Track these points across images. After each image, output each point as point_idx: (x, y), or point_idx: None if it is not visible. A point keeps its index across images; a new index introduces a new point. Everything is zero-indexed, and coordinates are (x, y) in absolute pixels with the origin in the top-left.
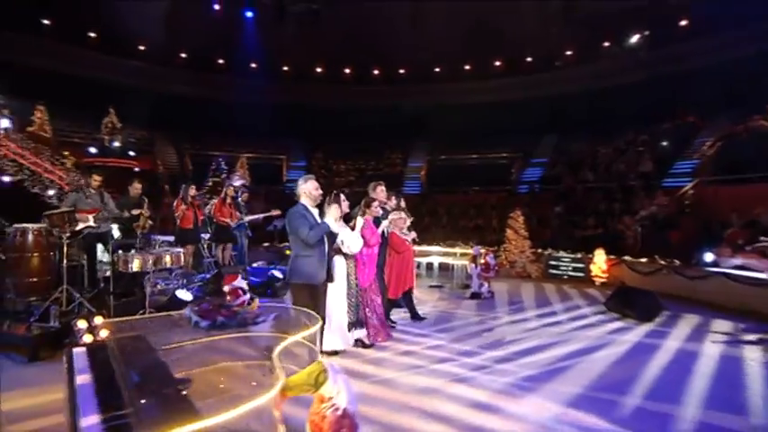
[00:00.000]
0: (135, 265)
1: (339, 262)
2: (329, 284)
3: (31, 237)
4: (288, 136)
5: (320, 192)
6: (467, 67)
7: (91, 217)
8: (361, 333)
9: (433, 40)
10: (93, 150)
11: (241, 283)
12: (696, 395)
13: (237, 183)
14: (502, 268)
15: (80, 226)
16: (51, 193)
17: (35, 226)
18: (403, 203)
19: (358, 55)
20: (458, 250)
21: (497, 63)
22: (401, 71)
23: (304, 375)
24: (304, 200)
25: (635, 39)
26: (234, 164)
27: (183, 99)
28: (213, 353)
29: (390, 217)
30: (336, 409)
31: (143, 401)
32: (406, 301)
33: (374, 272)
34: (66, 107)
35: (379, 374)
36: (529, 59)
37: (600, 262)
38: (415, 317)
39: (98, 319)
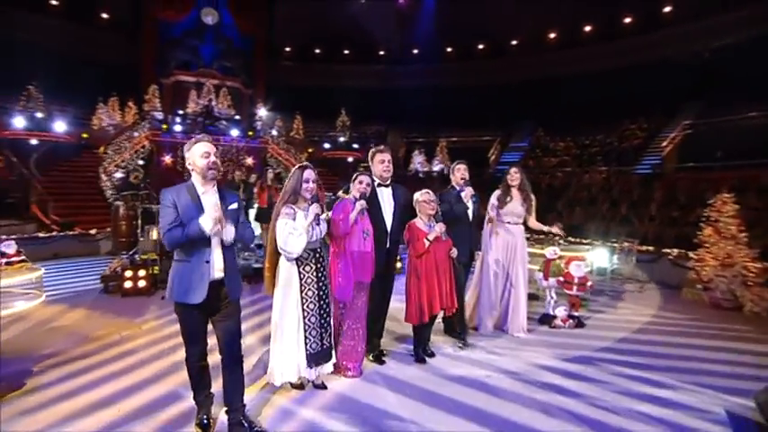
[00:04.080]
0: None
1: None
2: (281, 293)
3: (121, 210)
4: (514, 116)
5: (211, 160)
6: None
7: None
8: (327, 368)
9: None
10: (326, 146)
11: (3, 247)
12: None
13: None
14: (689, 288)
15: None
16: None
17: (123, 203)
18: (465, 174)
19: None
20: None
21: None
22: (666, 9)
23: None
24: (194, 176)
25: None
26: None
27: (413, 92)
28: None
29: (415, 197)
30: None
31: None
32: (420, 327)
33: (355, 279)
34: (316, 113)
35: None
36: None
37: None
38: (418, 355)
39: None
